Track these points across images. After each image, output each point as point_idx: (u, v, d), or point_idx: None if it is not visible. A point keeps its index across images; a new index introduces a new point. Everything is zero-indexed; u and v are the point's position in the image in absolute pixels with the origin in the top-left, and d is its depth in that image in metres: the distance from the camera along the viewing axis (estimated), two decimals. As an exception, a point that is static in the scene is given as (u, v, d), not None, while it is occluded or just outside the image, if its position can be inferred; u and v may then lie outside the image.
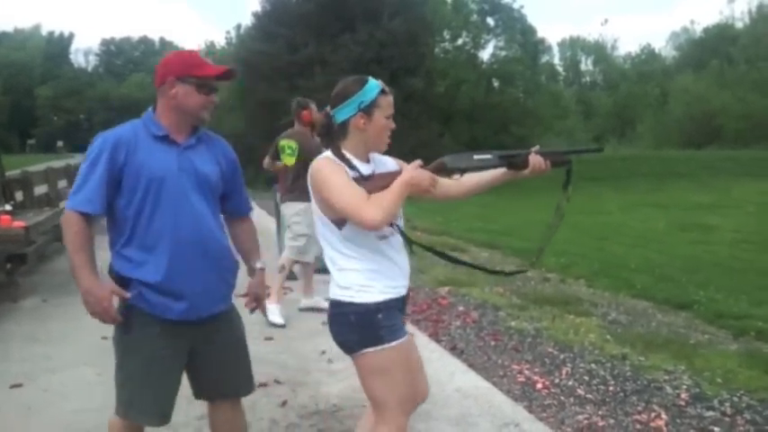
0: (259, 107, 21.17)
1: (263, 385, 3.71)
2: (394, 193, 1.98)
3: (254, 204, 5.81)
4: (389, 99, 2.12)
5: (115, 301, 2.13)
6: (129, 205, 2.11)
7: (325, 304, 5.43)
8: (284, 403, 3.47)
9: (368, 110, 2.07)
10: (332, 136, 2.14)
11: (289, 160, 5.27)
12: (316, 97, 20.18)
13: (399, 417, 2.12)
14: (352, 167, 2.07)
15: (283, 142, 5.31)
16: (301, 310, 5.44)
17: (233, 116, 26.35)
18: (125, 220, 2.12)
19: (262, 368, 4.01)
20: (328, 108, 2.14)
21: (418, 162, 2.06)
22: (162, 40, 64.34)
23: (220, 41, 53.10)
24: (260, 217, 12.71)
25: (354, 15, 21.79)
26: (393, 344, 2.06)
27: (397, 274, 2.12)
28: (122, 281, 2.13)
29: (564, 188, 2.23)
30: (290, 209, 5.34)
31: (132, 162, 2.09)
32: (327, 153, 2.13)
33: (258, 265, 2.46)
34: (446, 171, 2.16)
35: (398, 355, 2.09)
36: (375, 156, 2.21)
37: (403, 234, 2.15)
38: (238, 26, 41.59)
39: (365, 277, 2.06)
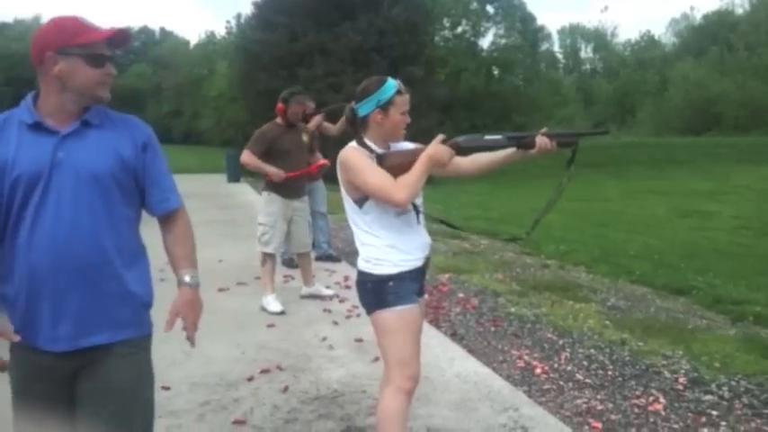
0: (260, 96, 21.06)
1: (266, 371, 3.75)
2: (419, 168, 2.27)
3: (256, 195, 5.84)
4: (405, 98, 2.38)
5: None
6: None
7: (327, 291, 5.48)
8: (286, 389, 3.51)
9: (385, 107, 2.34)
10: (356, 127, 2.42)
11: None
12: (316, 86, 20.26)
13: (406, 380, 2.40)
14: (372, 152, 2.36)
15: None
16: (303, 297, 5.47)
17: (235, 106, 26.33)
18: None
19: (264, 355, 4.06)
20: (353, 103, 2.40)
21: (441, 137, 2.35)
22: (162, 30, 63.85)
23: (220, 31, 53.00)
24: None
25: (354, 4, 21.72)
26: (396, 308, 2.36)
27: (412, 247, 2.40)
28: None
29: (567, 165, 2.42)
30: (261, 199, 5.50)
31: (13, 157, 1.69)
32: (353, 143, 2.41)
33: (186, 279, 2.02)
34: (460, 150, 2.38)
35: (401, 318, 2.37)
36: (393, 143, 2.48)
37: (417, 211, 2.43)
38: (238, 15, 41.51)
39: (382, 252, 2.36)
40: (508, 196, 14.63)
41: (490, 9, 32.27)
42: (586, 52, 62.38)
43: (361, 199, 2.37)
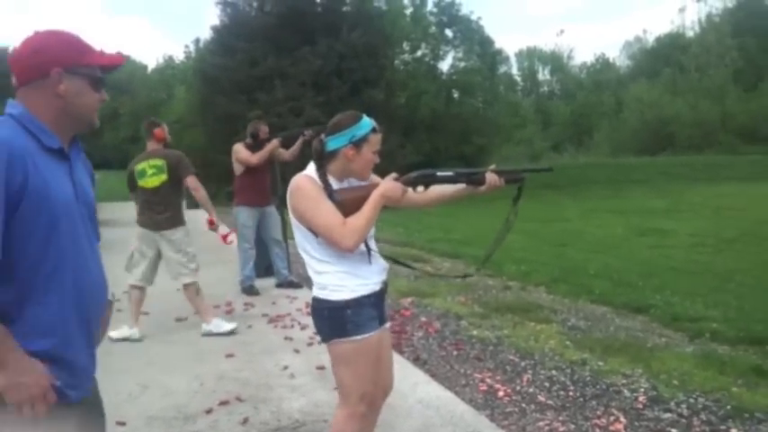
0: (218, 121, 20.96)
1: (225, 403, 3.67)
2: (370, 208, 2.26)
3: (218, 221, 5.82)
4: (378, 137, 2.37)
5: None
6: (23, 250, 1.47)
7: (227, 326, 5.23)
8: (245, 421, 3.43)
9: (358, 143, 2.31)
10: (321, 160, 2.35)
11: (153, 181, 5.05)
12: (276, 110, 20.22)
13: (358, 405, 2.38)
14: (328, 186, 2.31)
15: (143, 165, 5.07)
16: (203, 335, 5.19)
17: (193, 131, 26.06)
18: (18, 271, 1.47)
19: (223, 386, 3.98)
20: (323, 135, 2.36)
21: (393, 175, 2.37)
22: (119, 54, 63.13)
23: (179, 55, 52.57)
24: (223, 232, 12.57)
25: (314, 28, 21.80)
26: (357, 338, 2.31)
27: (368, 272, 2.36)
28: None
29: (513, 202, 2.44)
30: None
31: (34, 185, 1.46)
32: (309, 171, 2.36)
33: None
34: (413, 184, 2.43)
35: (362, 348, 2.33)
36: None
37: (369, 249, 2.38)
38: (197, 40, 41.21)
39: (338, 278, 2.31)
40: (471, 218, 14.72)
41: (449, 33, 32.71)
42: (544, 75, 63.54)
43: None
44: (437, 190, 2.50)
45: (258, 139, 6.67)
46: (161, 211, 5.06)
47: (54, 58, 1.56)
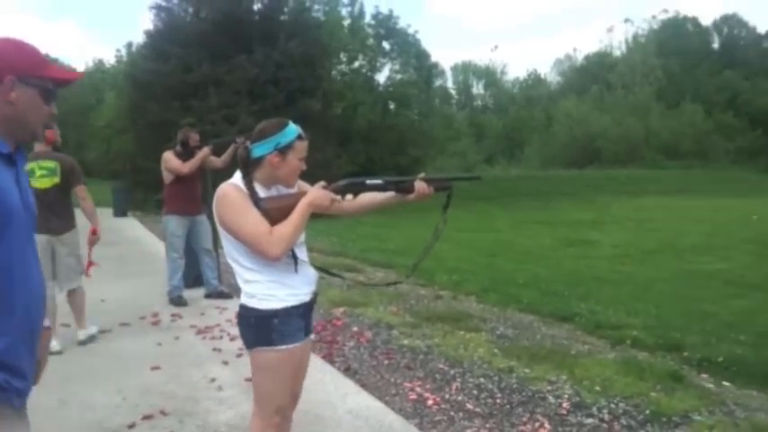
0: (150, 128, 20.45)
1: (148, 417, 3.58)
2: (297, 216, 2.24)
3: (145, 229, 5.63)
4: (305, 144, 2.34)
5: None
6: None
7: (94, 329, 5.15)
8: (170, 434, 3.35)
9: (284, 150, 2.28)
10: (247, 167, 2.32)
11: (44, 182, 4.81)
12: (210, 118, 19.85)
13: (274, 415, 2.38)
14: (254, 195, 2.27)
15: (32, 165, 4.74)
16: (80, 343, 5.10)
17: (123, 137, 25.36)
18: None
19: (147, 399, 3.87)
20: (248, 142, 2.33)
21: (322, 183, 2.35)
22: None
23: (110, 59, 51.13)
24: (152, 241, 12.27)
25: (250, 36, 21.57)
26: (281, 347, 2.30)
27: (298, 282, 2.34)
28: None
29: (443, 210, 2.46)
30: None
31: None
32: (235, 179, 2.32)
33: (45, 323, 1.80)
34: (342, 192, 2.41)
35: (285, 358, 2.32)
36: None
37: (295, 259, 2.34)
38: (129, 44, 40.24)
39: (267, 287, 2.28)
40: (405, 228, 14.84)
41: (386, 45, 32.98)
42: (478, 89, 64.82)
43: None
44: (366, 198, 2.51)
45: (188, 147, 6.55)
46: (54, 213, 4.85)
47: (9, 65, 1.56)
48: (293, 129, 2.32)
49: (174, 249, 6.61)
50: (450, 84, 60.43)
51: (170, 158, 6.47)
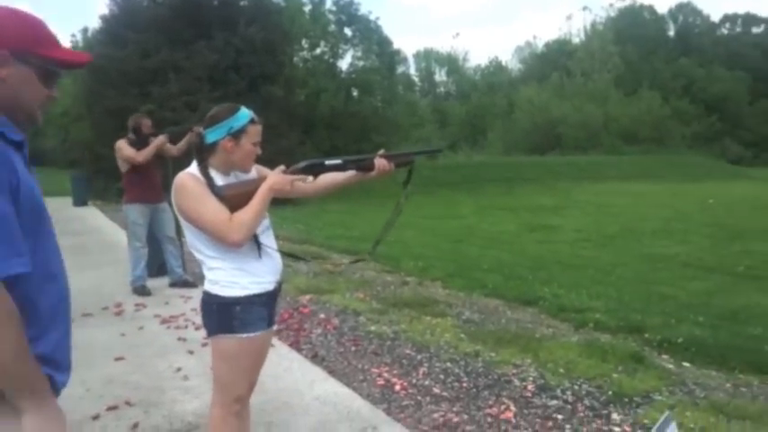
0: (108, 115, 19.96)
1: (113, 408, 3.52)
2: (257, 202, 2.21)
3: (106, 219, 5.51)
4: (258, 128, 2.32)
5: None
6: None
7: None
8: (135, 426, 3.31)
9: (237, 135, 2.26)
10: (202, 154, 2.31)
11: None
12: (170, 104, 19.48)
13: (233, 403, 2.39)
14: (211, 182, 2.25)
15: None
16: None
17: (81, 125, 24.76)
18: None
19: (112, 390, 3.81)
20: (201, 128, 2.30)
21: (281, 168, 2.32)
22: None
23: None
24: (113, 230, 12.05)
25: (209, 22, 21.20)
26: (242, 335, 2.29)
27: (263, 270, 2.32)
28: None
29: (404, 185, 2.44)
30: None
31: (24, 182, 1.35)
32: (191, 168, 2.30)
33: None
34: (302, 173, 2.37)
35: (245, 346, 2.31)
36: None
37: (258, 244, 2.33)
38: (85, 30, 39.25)
39: (230, 275, 2.27)
40: (370, 215, 14.84)
41: (348, 32, 32.80)
42: (440, 76, 65.01)
43: None
44: (327, 178, 2.49)
45: (141, 134, 6.42)
46: None
47: (4, 38, 1.39)
48: (245, 113, 2.29)
49: (136, 238, 6.51)
50: (412, 71, 60.58)
51: (123, 147, 6.33)
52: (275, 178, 2.27)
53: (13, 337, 1.26)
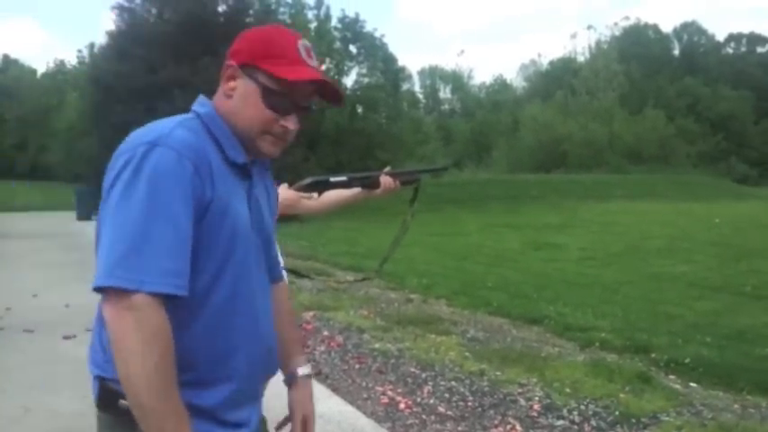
0: (113, 130, 20.04)
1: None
2: None
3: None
4: None
5: None
6: (198, 275, 1.16)
7: None
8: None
9: None
10: None
11: None
12: (175, 120, 19.56)
13: None
14: None
15: None
16: None
17: (86, 139, 24.89)
18: (187, 300, 1.13)
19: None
20: None
21: (285, 185, 2.32)
22: (6, 58, 59.38)
23: (71, 60, 50.23)
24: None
25: (215, 38, 21.32)
26: None
27: None
28: None
29: (410, 203, 2.42)
30: None
31: (217, 206, 1.17)
32: None
33: (301, 371, 1.52)
34: (307, 190, 2.36)
35: None
36: None
37: None
38: (91, 45, 39.59)
39: None
40: (374, 231, 14.82)
41: (353, 49, 33.07)
42: (445, 93, 65.24)
43: None
44: (332, 195, 2.46)
45: None
46: None
47: (240, 49, 1.27)
48: None
49: None
50: (417, 88, 60.80)
51: None
52: (283, 194, 2.28)
53: (152, 363, 1.05)
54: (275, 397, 2.54)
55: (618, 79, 47.73)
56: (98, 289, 1.13)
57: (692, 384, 4.39)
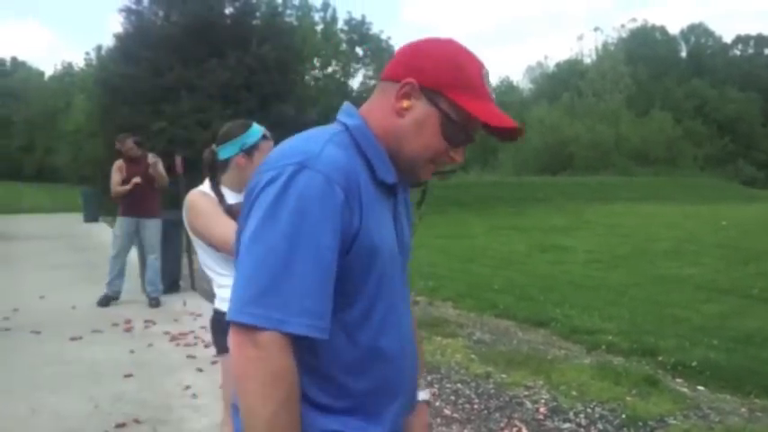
0: (120, 132, 20.12)
1: (122, 426, 3.50)
2: None
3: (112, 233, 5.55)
4: (270, 144, 2.36)
5: None
6: (350, 309, 1.12)
7: None
8: (144, 443, 3.29)
9: (249, 151, 2.31)
10: (214, 171, 2.34)
11: None
12: (182, 122, 19.64)
13: None
14: (222, 200, 2.26)
15: None
16: None
17: (93, 141, 24.99)
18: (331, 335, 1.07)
19: (120, 408, 3.80)
20: (214, 145, 2.34)
21: None
22: (14, 61, 59.65)
23: (79, 63, 50.45)
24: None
25: (222, 40, 21.41)
26: None
27: None
28: None
29: (417, 206, 2.42)
30: None
31: (366, 229, 1.10)
32: (203, 186, 2.33)
33: (421, 396, 1.43)
34: None
35: None
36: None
37: None
38: (99, 47, 39.76)
39: None
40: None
41: (359, 51, 33.14)
42: (452, 95, 65.23)
43: None
44: None
45: (128, 157, 6.57)
46: None
47: (423, 68, 1.16)
48: (257, 129, 2.36)
49: (113, 248, 6.69)
50: (423, 90, 60.81)
51: (113, 174, 6.58)
52: None
53: (273, 406, 1.00)
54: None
55: (624, 81, 47.62)
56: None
57: (699, 388, 4.37)
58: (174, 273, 7.06)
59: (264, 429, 1.00)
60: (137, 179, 6.40)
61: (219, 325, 2.31)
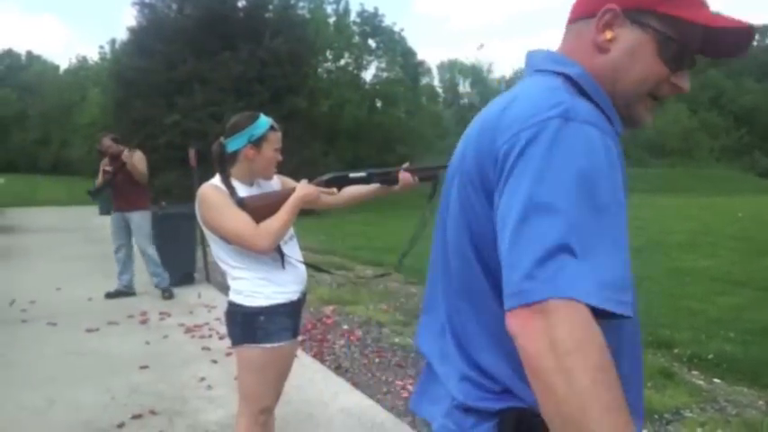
0: (134, 125, 20.25)
1: (137, 417, 3.53)
2: (287, 212, 2.24)
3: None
4: (278, 135, 2.37)
5: None
6: None
7: None
8: (160, 434, 3.31)
9: (257, 142, 2.30)
10: (223, 164, 2.33)
11: None
12: (196, 115, 19.69)
13: (259, 414, 2.37)
14: (233, 193, 2.26)
15: None
16: None
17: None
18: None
19: (136, 399, 3.82)
20: (222, 138, 2.33)
21: (305, 181, 2.37)
22: (29, 54, 60.05)
23: (93, 56, 50.72)
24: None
25: (235, 33, 21.42)
26: (266, 345, 2.27)
27: (287, 280, 2.33)
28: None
29: (428, 199, 2.41)
30: None
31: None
32: (214, 180, 2.32)
33: None
34: (326, 186, 2.40)
35: (269, 356, 2.30)
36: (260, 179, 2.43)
37: (281, 255, 2.33)
38: (113, 41, 39.96)
39: (254, 284, 2.27)
40: (392, 226, 14.80)
41: (372, 43, 32.97)
42: (464, 87, 64.95)
43: None
44: (351, 191, 2.49)
45: (109, 155, 6.61)
46: None
47: None
48: (265, 120, 2.34)
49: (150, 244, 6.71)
50: (436, 82, 60.60)
51: (99, 172, 6.61)
52: (305, 190, 2.31)
53: (602, 391, 0.78)
54: (295, 389, 2.56)
55: (639, 72, 47.27)
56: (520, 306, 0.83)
57: (715, 380, 4.33)
58: (189, 265, 7.09)
59: (592, 398, 0.77)
60: (107, 167, 6.47)
61: (233, 317, 2.31)
